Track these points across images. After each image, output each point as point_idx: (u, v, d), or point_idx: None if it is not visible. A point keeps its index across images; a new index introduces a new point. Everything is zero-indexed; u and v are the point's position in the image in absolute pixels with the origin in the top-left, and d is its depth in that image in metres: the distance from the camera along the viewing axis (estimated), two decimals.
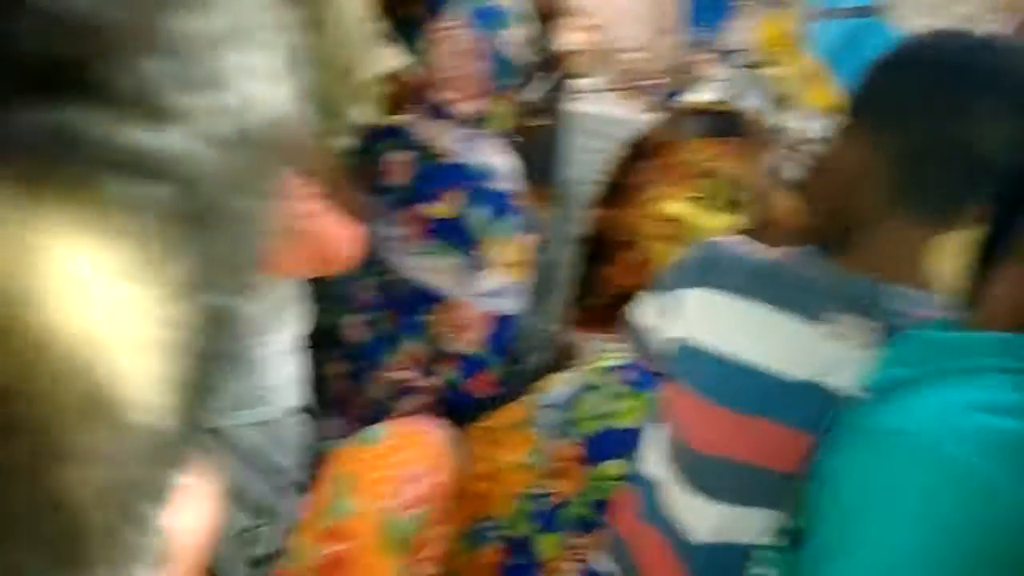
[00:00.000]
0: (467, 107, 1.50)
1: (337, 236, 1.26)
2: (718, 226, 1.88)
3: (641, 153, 1.97)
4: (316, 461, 1.74)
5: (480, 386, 1.59)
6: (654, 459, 0.97)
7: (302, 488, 1.40)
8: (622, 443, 1.20)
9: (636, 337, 1.06)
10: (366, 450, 1.19)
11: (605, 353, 1.32)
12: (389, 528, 1.10)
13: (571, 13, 2.77)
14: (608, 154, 2.17)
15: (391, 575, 1.07)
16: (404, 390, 1.64)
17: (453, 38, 1.47)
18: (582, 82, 2.48)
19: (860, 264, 0.83)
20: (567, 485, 1.24)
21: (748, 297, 0.87)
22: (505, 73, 1.50)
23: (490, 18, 1.49)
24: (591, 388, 1.26)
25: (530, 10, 2.30)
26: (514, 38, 1.51)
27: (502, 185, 1.51)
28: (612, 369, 1.27)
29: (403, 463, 1.14)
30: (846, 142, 0.85)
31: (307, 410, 1.41)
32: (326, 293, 1.75)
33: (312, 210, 1.20)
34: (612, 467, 1.21)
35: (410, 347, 1.60)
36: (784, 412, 0.85)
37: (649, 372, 1.15)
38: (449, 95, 1.49)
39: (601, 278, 2.05)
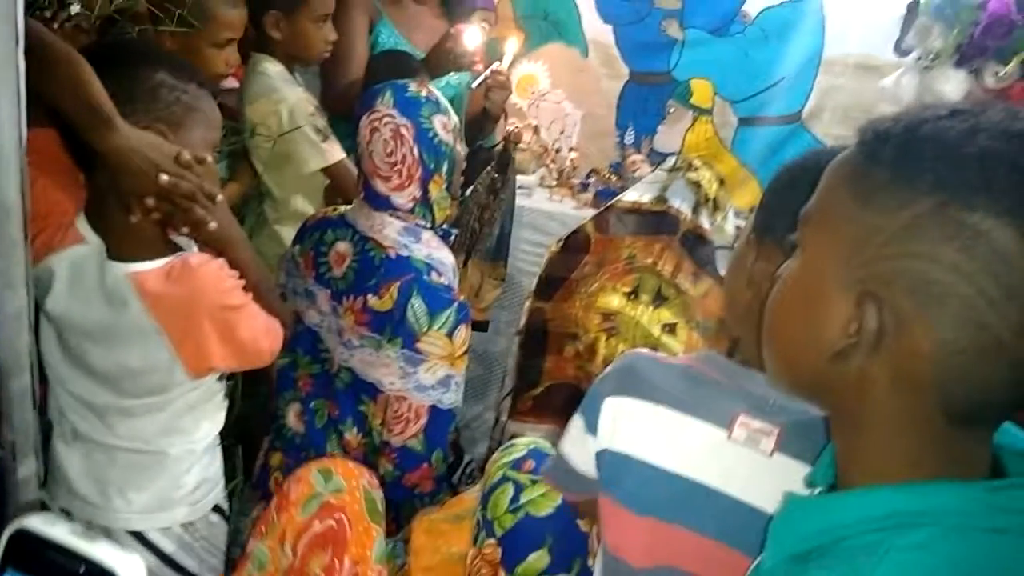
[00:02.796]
0: (401, 196, 1.54)
1: (259, 330, 1.26)
2: (651, 319, 1.94)
3: (578, 248, 2.03)
4: (237, 557, 1.68)
5: (418, 479, 1.58)
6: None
7: None
8: (540, 532, 1.20)
9: (560, 468, 1.06)
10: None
11: (509, 448, 1.31)
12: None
13: (511, 114, 2.89)
14: (545, 247, 2.24)
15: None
16: None
17: (381, 127, 1.52)
18: (521, 178, 2.56)
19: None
20: None
21: (662, 403, 0.90)
22: (434, 157, 1.55)
23: (415, 106, 1.54)
24: (503, 482, 1.25)
25: (467, 106, 2.41)
26: (441, 124, 1.56)
27: (442, 279, 1.53)
28: (520, 460, 1.26)
29: None
30: (751, 249, 0.91)
31: (220, 510, 1.37)
32: (266, 380, 1.73)
33: (236, 305, 1.21)
34: (534, 560, 1.20)
35: (349, 437, 1.58)
36: (700, 521, 0.87)
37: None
38: (381, 185, 1.53)
39: (540, 369, 2.07)
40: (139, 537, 1.27)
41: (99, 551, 0.43)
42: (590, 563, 1.18)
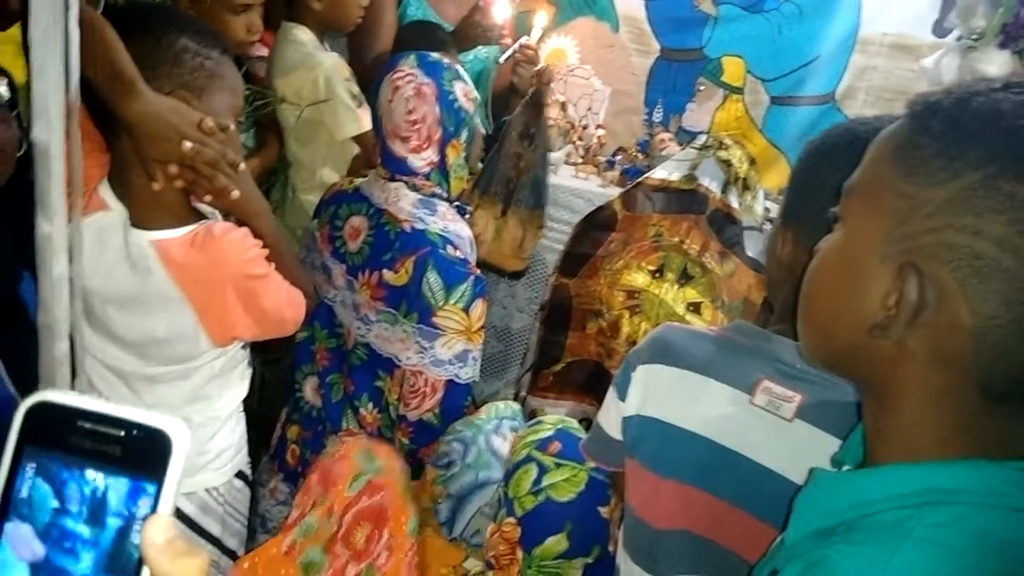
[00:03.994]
0: (419, 159, 1.52)
1: (283, 300, 1.26)
2: (676, 298, 1.92)
3: (604, 225, 2.01)
4: (259, 526, 1.71)
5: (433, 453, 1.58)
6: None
7: (234, 557, 1.37)
8: (560, 517, 1.20)
9: (595, 439, 1.06)
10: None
11: (537, 425, 1.32)
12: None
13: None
14: (570, 224, 2.22)
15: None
16: None
17: (403, 85, 1.51)
18: (549, 155, 2.54)
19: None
20: (505, 573, 1.22)
21: (688, 368, 0.90)
22: (454, 121, 1.54)
23: (437, 68, 1.53)
24: (527, 462, 1.25)
25: (494, 80, 2.39)
26: (462, 91, 1.55)
27: (458, 252, 1.52)
28: (547, 441, 1.26)
29: None
30: (779, 235, 0.91)
31: (243, 476, 1.38)
32: (286, 353, 1.73)
33: (260, 274, 1.20)
34: (552, 543, 1.20)
35: (364, 412, 1.59)
36: (719, 484, 0.87)
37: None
38: (400, 146, 1.52)
39: (562, 346, 2.07)
40: None
41: (139, 415, 0.38)
42: (611, 549, 1.18)
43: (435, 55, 1.55)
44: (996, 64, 1.99)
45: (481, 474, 1.31)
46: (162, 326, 1.19)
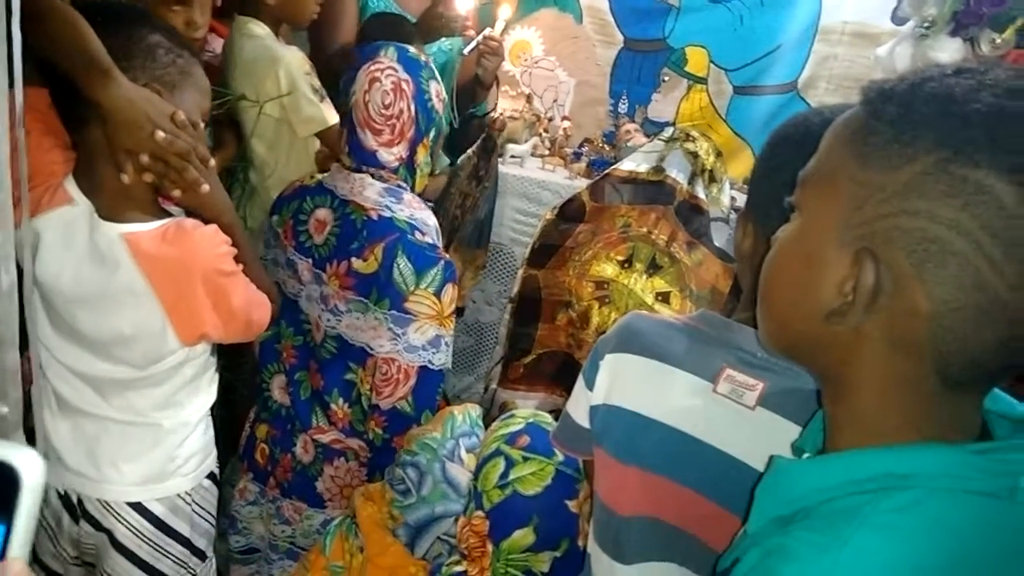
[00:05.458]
0: (389, 153, 1.51)
1: (252, 301, 1.24)
2: (645, 288, 1.93)
3: (572, 216, 2.02)
4: (228, 527, 1.69)
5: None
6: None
7: (203, 557, 1.36)
8: (526, 511, 1.20)
9: (565, 427, 1.07)
10: None
11: (508, 419, 1.32)
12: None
13: (503, 81, 2.86)
14: (537, 216, 2.23)
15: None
16: (329, 452, 1.61)
17: (382, 78, 1.49)
18: (513, 147, 2.54)
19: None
20: (477, 565, 1.22)
21: (653, 357, 0.91)
22: (427, 121, 1.53)
23: (416, 66, 1.52)
24: (495, 455, 1.25)
25: (458, 72, 2.38)
26: (435, 92, 1.54)
27: (426, 238, 1.52)
28: (515, 435, 1.26)
29: None
30: (740, 226, 0.92)
31: (212, 476, 1.37)
32: (249, 352, 1.71)
33: (230, 271, 1.19)
34: (519, 537, 1.20)
35: (335, 408, 1.58)
36: (683, 471, 0.87)
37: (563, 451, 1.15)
38: (372, 138, 1.51)
39: (532, 337, 2.07)
40: (133, 504, 1.26)
41: None
42: (580, 543, 1.19)
43: (413, 51, 1.54)
44: (948, 52, 2.02)
45: (437, 508, 1.30)
46: (128, 323, 1.17)
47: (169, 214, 1.21)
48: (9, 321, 1.10)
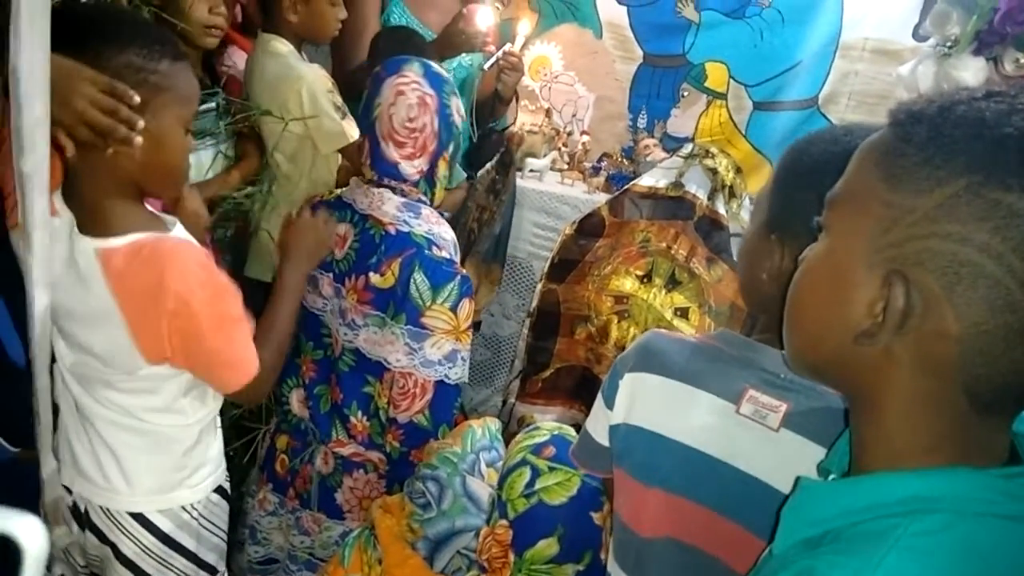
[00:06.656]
0: (411, 166, 1.53)
1: (235, 352, 1.22)
2: (664, 303, 1.93)
3: (592, 231, 2.02)
4: (248, 537, 1.69)
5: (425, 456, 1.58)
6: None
7: (214, 572, 1.36)
8: (552, 520, 1.19)
9: (584, 445, 1.07)
10: None
11: (533, 431, 1.31)
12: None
13: (523, 96, 2.88)
14: (556, 230, 2.23)
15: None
16: (348, 464, 1.61)
17: (408, 91, 1.51)
18: (532, 161, 2.55)
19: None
20: (500, 575, 1.22)
21: (674, 377, 0.90)
22: (448, 136, 1.54)
23: (440, 81, 1.54)
24: (521, 465, 1.25)
25: (478, 87, 2.40)
26: (456, 108, 1.56)
27: (443, 252, 1.52)
28: (541, 445, 1.26)
29: None
30: (764, 245, 0.90)
31: (221, 490, 1.37)
32: None
33: (205, 301, 1.15)
34: (543, 547, 1.19)
35: (355, 421, 1.58)
36: (705, 493, 0.87)
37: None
38: (394, 150, 1.52)
39: (550, 352, 2.07)
40: (138, 517, 1.27)
41: None
42: (603, 557, 1.18)
43: (435, 66, 1.56)
44: (971, 71, 2.01)
45: (458, 521, 1.29)
46: (99, 339, 1.16)
47: (162, 225, 1.18)
48: (43, 345, 1.12)
